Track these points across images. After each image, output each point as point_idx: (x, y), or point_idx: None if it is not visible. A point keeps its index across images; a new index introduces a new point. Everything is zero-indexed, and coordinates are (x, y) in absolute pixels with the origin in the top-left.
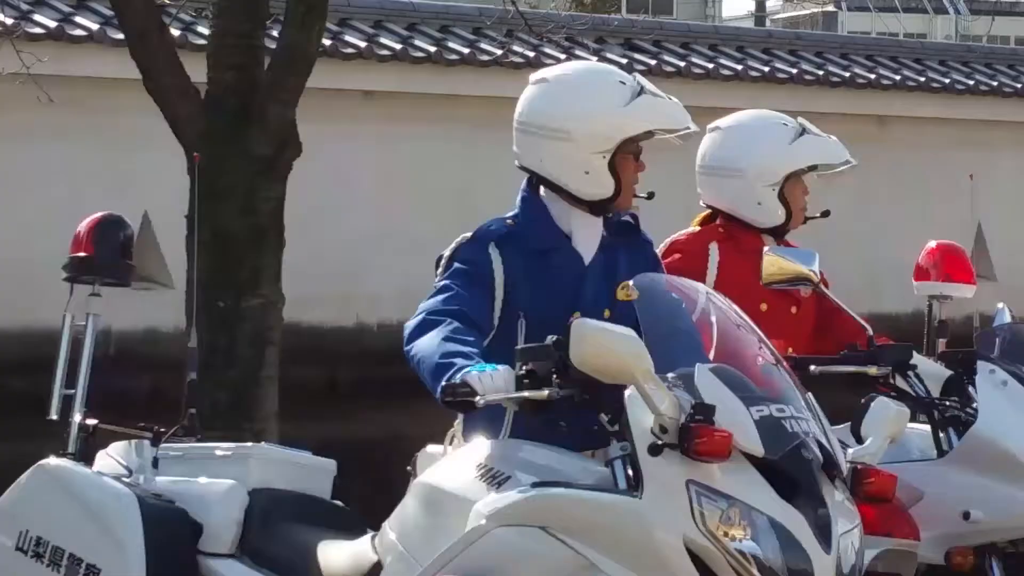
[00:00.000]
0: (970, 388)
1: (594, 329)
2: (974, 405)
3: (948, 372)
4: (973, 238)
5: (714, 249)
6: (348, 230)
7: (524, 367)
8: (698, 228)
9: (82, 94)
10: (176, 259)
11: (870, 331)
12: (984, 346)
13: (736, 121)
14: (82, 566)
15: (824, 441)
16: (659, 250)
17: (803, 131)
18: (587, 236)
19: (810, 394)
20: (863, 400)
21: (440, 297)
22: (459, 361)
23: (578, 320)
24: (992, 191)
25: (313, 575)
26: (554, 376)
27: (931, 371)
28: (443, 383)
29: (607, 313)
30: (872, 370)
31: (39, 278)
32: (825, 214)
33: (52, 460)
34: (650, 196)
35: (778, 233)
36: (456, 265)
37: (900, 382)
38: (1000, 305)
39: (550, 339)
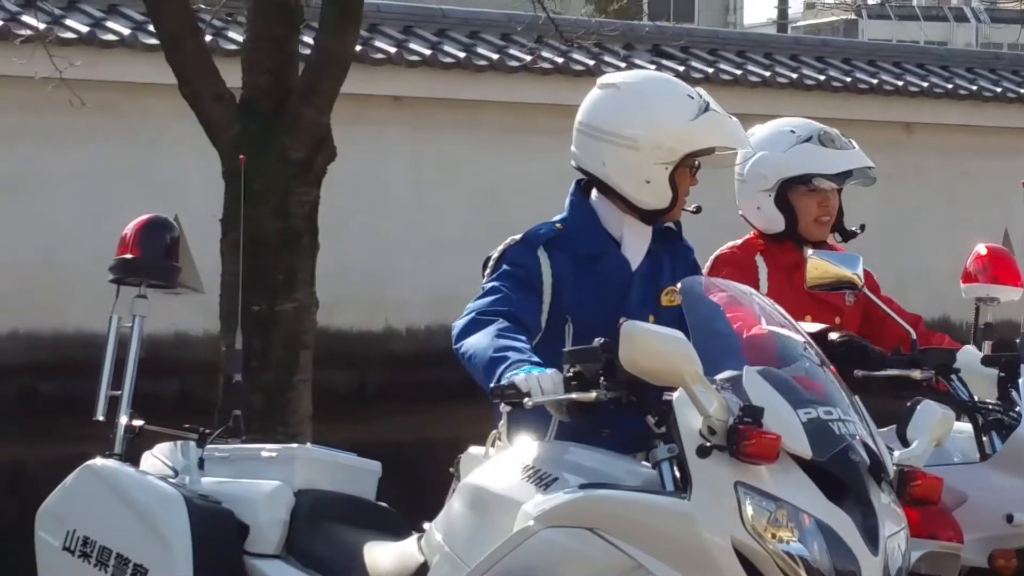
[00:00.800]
0: (1013, 392)
1: (644, 331)
2: (1017, 409)
3: (998, 373)
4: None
5: (761, 262)
6: (376, 235)
7: (572, 369)
8: (740, 241)
9: (114, 98)
10: (207, 263)
11: (914, 335)
12: None
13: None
14: (129, 566)
15: (871, 443)
16: (705, 266)
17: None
18: (636, 243)
19: (857, 396)
20: (909, 403)
21: (489, 298)
22: (512, 355)
23: (628, 322)
24: (1019, 199)
25: None
26: (601, 378)
27: (982, 372)
28: (492, 384)
29: (651, 319)
30: (916, 374)
31: (71, 281)
32: (862, 228)
33: (99, 461)
34: (697, 210)
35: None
36: (504, 267)
37: (957, 386)
38: (1010, 297)
39: (597, 341)
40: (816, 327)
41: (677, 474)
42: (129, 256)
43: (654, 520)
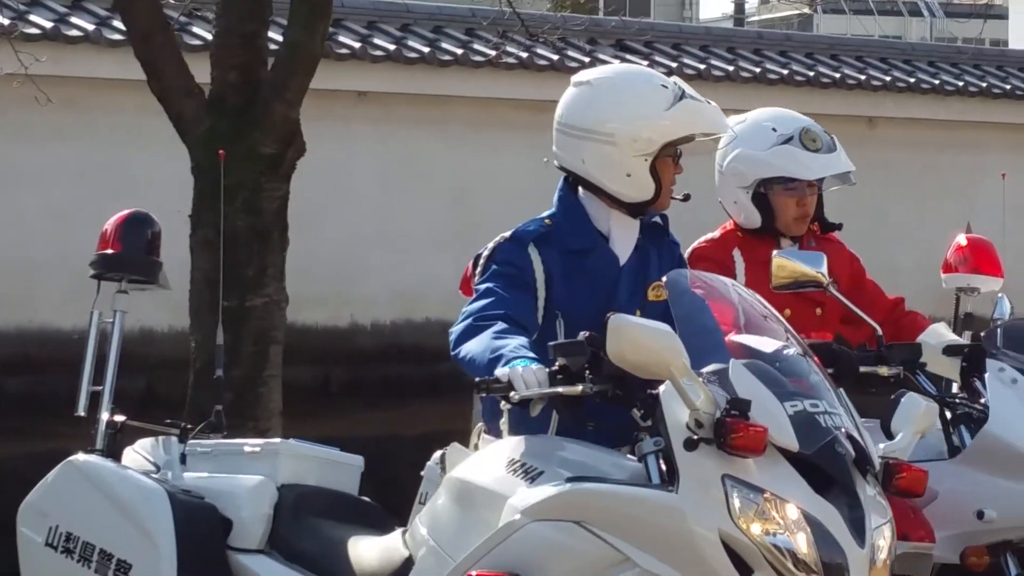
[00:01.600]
0: (976, 382)
1: (631, 324)
2: (983, 400)
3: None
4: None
5: (738, 256)
6: (341, 230)
7: (557, 363)
8: (717, 235)
9: (79, 94)
10: (174, 259)
11: (879, 331)
12: (992, 344)
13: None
14: (113, 561)
15: (856, 436)
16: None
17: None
18: (624, 237)
19: (841, 389)
20: (893, 396)
21: (484, 301)
22: (508, 353)
23: (615, 316)
24: (981, 192)
25: (343, 570)
26: (587, 372)
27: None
28: (478, 379)
29: (638, 313)
30: (883, 370)
31: (38, 278)
32: (839, 227)
33: (81, 456)
34: (686, 198)
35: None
36: (495, 267)
37: (923, 381)
38: (1000, 295)
39: (583, 335)
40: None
41: (663, 467)
42: (110, 251)
43: (642, 513)
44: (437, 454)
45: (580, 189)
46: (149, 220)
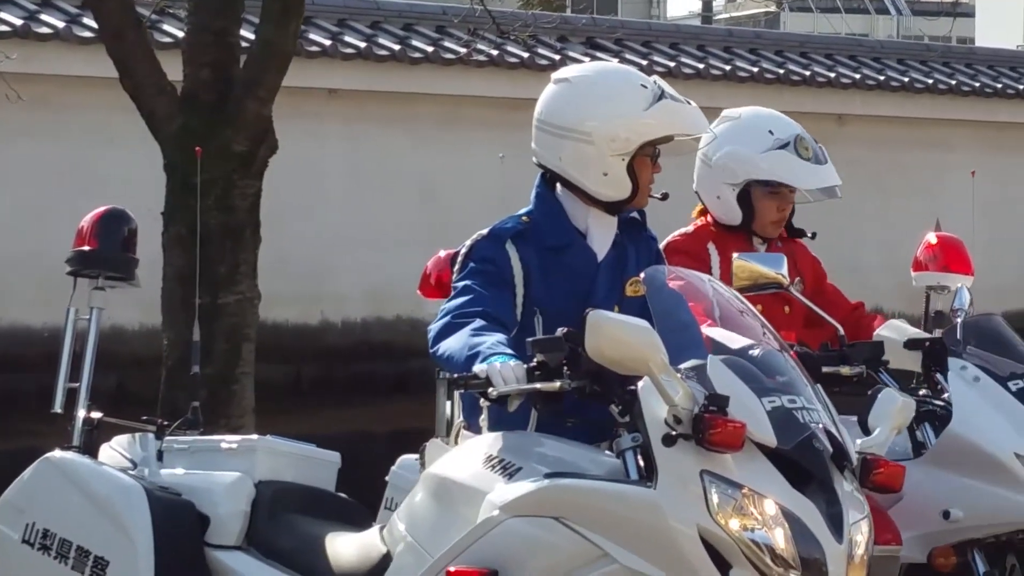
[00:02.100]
0: (938, 375)
1: (610, 320)
2: (946, 396)
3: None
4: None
5: (713, 250)
6: (312, 228)
7: (535, 359)
8: (691, 229)
9: (49, 91)
10: (145, 257)
11: (841, 330)
12: (954, 340)
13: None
14: (90, 558)
15: (834, 431)
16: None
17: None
18: (602, 234)
19: (819, 385)
20: (870, 392)
21: (463, 299)
22: (485, 350)
23: (593, 311)
24: (950, 189)
25: (321, 567)
26: (565, 368)
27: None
28: (456, 375)
29: (616, 308)
30: (845, 370)
31: (8, 276)
32: (813, 236)
33: (57, 453)
34: (664, 197)
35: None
36: (473, 264)
37: (886, 379)
38: (959, 284)
39: (561, 331)
40: None
41: (641, 463)
42: (87, 248)
43: (620, 509)
44: (400, 459)
45: (558, 186)
46: (126, 217)
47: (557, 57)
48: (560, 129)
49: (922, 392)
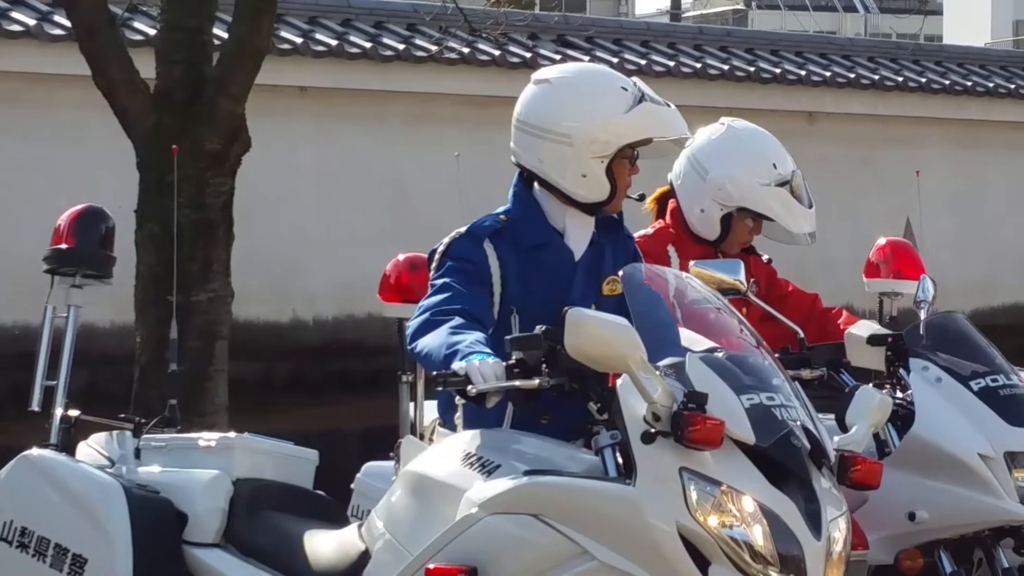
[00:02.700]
0: (901, 370)
1: (589, 318)
2: (909, 393)
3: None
4: (902, 233)
5: (673, 252)
6: (282, 226)
7: (514, 357)
8: (651, 231)
9: (19, 89)
10: (117, 255)
11: (801, 333)
12: (915, 340)
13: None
14: (68, 556)
15: (812, 429)
16: None
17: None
18: (579, 232)
19: (797, 383)
20: (847, 389)
21: (441, 296)
22: (464, 348)
23: (573, 309)
24: (921, 187)
25: (299, 564)
26: (543, 366)
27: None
28: (435, 372)
29: (593, 307)
30: (805, 373)
31: None
32: (769, 261)
33: (35, 451)
34: (640, 198)
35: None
36: (450, 263)
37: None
38: (923, 275)
39: (539, 329)
40: None
41: (620, 460)
42: (64, 246)
43: (599, 506)
44: (365, 466)
45: (536, 185)
46: (103, 215)
47: (528, 55)
48: (539, 130)
49: (884, 391)
